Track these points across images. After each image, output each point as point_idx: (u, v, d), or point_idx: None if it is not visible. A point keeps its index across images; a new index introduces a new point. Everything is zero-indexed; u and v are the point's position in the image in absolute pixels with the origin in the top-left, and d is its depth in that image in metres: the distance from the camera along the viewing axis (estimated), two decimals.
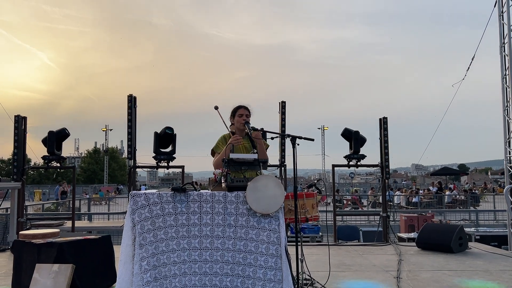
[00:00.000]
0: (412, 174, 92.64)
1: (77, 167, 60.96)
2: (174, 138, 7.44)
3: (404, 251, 5.89)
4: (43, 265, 3.70)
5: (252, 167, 3.34)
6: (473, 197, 20.71)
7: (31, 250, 3.88)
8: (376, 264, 5.12)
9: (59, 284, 3.61)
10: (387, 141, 7.31)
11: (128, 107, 7.19)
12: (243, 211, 3.09)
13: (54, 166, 7.25)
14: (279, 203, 3.05)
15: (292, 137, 3.45)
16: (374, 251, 5.97)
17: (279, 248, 3.04)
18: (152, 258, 2.99)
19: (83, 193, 32.61)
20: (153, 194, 3.09)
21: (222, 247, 3.06)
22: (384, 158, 7.32)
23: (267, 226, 3.07)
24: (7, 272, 4.90)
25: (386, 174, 7.30)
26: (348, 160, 7.45)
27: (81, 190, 35.75)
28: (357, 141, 7.29)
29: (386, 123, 7.33)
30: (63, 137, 7.42)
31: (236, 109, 3.84)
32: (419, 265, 5.01)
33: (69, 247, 3.82)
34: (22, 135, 7.17)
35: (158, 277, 2.99)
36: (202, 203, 3.10)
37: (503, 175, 9.66)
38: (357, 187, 35.82)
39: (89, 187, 37.35)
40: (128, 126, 7.18)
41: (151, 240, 3.01)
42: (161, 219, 3.06)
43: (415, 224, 9.21)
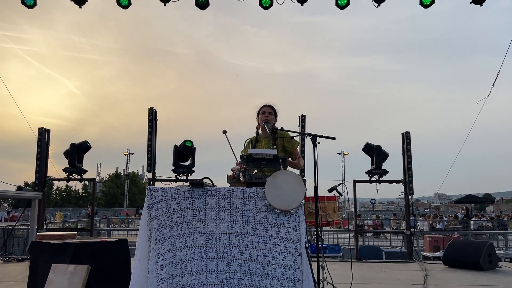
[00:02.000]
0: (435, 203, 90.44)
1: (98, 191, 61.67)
2: (193, 151, 7.43)
3: (429, 268, 5.64)
4: (58, 265, 3.65)
5: (271, 164, 3.26)
6: (501, 224, 19.97)
7: (47, 250, 3.84)
8: (401, 278, 4.90)
9: (74, 284, 3.53)
10: (410, 156, 7.13)
11: (148, 120, 7.25)
12: (262, 207, 2.99)
13: (75, 178, 7.30)
14: (299, 199, 2.95)
15: (313, 136, 3.37)
16: (398, 268, 5.73)
17: (299, 246, 2.92)
18: (169, 254, 2.90)
19: (103, 216, 32.79)
20: (171, 189, 3.03)
21: (240, 244, 2.96)
22: (407, 174, 7.13)
23: (286, 223, 2.96)
24: (23, 278, 4.87)
25: (409, 190, 7.09)
26: (370, 175, 7.29)
27: (102, 213, 35.98)
28: (379, 156, 7.14)
29: (409, 138, 7.17)
30: (84, 150, 7.49)
31: (260, 108, 3.82)
32: (446, 280, 4.77)
33: (85, 248, 3.77)
34: (45, 147, 7.28)
35: (174, 274, 2.89)
36: (220, 198, 3.02)
37: None
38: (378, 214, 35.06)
39: (109, 210, 37.61)
40: (148, 138, 7.22)
41: (167, 236, 2.93)
42: (178, 214, 2.98)
43: (440, 245, 8.87)
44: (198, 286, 2.91)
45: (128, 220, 27.78)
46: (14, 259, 6.20)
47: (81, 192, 54.21)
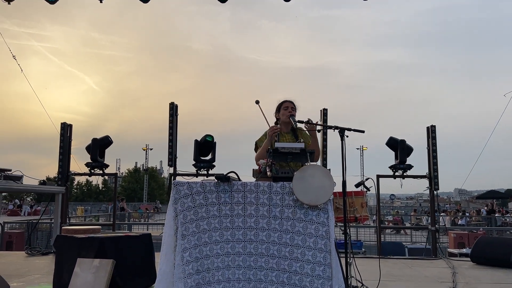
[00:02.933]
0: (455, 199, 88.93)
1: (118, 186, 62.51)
2: (214, 146, 7.39)
3: (457, 265, 5.48)
4: (84, 260, 3.65)
5: (297, 158, 3.18)
6: None
7: (72, 244, 3.85)
8: (428, 275, 4.77)
9: (100, 279, 3.53)
10: (435, 150, 6.95)
11: (169, 115, 7.24)
12: (289, 202, 2.92)
13: (97, 173, 7.34)
14: (328, 194, 2.87)
15: (340, 129, 3.28)
16: (424, 265, 5.60)
17: (328, 242, 2.84)
18: (195, 249, 2.86)
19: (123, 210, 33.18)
20: (196, 183, 2.98)
21: (267, 239, 2.90)
22: (432, 168, 6.95)
23: (315, 219, 2.88)
24: (49, 271, 4.91)
25: (434, 185, 6.91)
26: (394, 170, 7.13)
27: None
28: (404, 151, 6.97)
29: (435, 132, 6.99)
30: (106, 145, 7.52)
31: (281, 103, 3.75)
32: (476, 278, 4.62)
33: (109, 242, 3.76)
34: (67, 141, 7.33)
35: (200, 270, 2.85)
36: (246, 193, 2.96)
37: None
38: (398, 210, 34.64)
39: (129, 204, 38.02)
40: (169, 133, 7.20)
41: (193, 231, 2.89)
42: (204, 209, 2.94)
43: (465, 242, 8.65)
44: (225, 282, 2.86)
45: (148, 215, 28.12)
46: (39, 253, 6.26)
47: (101, 187, 55.01)
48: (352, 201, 3.55)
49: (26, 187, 6.01)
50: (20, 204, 36.88)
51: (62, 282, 3.81)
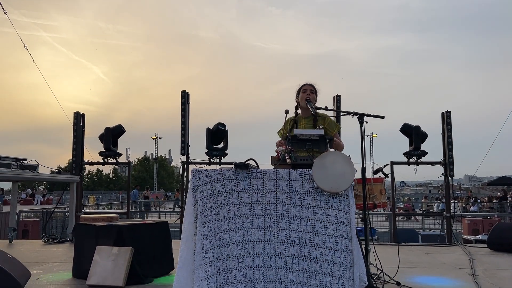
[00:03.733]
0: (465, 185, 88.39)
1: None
2: (226, 134, 7.38)
3: (473, 251, 5.44)
4: (103, 247, 3.68)
5: (316, 145, 3.15)
6: None
7: (91, 232, 3.88)
8: (446, 262, 4.74)
9: (119, 266, 3.56)
10: (450, 136, 6.87)
11: (181, 103, 7.23)
12: (309, 189, 2.89)
13: (110, 162, 7.38)
14: (349, 181, 2.84)
15: (360, 115, 3.24)
16: (440, 251, 5.56)
17: (349, 229, 2.82)
18: (215, 237, 2.86)
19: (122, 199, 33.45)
20: (215, 171, 2.96)
21: (287, 227, 2.88)
22: (448, 155, 6.88)
23: (335, 206, 2.85)
24: (67, 259, 4.97)
25: (450, 171, 6.85)
26: (408, 157, 7.07)
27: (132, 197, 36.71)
28: (418, 137, 6.90)
29: (450, 117, 6.90)
30: (119, 134, 7.55)
31: (301, 87, 3.68)
32: (495, 264, 4.59)
33: (128, 230, 3.79)
34: (80, 131, 7.37)
35: (220, 257, 2.84)
36: (265, 180, 2.94)
37: None
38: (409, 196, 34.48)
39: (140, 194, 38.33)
40: (181, 122, 7.20)
41: (213, 218, 2.88)
42: (223, 196, 2.92)
43: (479, 228, 8.60)
44: (245, 269, 2.86)
45: (159, 203, 28.35)
46: (55, 241, 6.34)
47: (112, 176, 55.47)
48: (371, 187, 3.52)
49: (42, 176, 6.05)
50: (32, 193, 37.32)
51: (82, 269, 3.85)
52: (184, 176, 7.31)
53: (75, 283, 3.69)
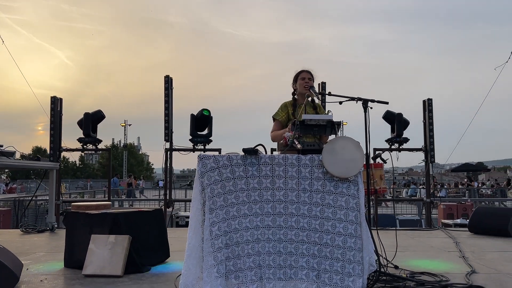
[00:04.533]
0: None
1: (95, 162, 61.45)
2: (210, 121, 7.28)
3: (456, 235, 5.62)
4: (99, 236, 3.56)
5: (322, 130, 3.13)
6: (501, 192, 20.21)
7: (84, 221, 3.75)
8: (434, 245, 4.88)
9: (117, 255, 3.46)
10: (432, 123, 7.04)
11: (165, 88, 7.06)
12: (318, 175, 2.88)
13: (90, 149, 7.15)
14: (358, 166, 2.84)
15: (364, 101, 3.23)
16: (424, 235, 5.72)
17: (358, 214, 2.83)
18: (223, 223, 2.81)
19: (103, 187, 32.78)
20: (223, 157, 2.90)
21: (297, 212, 2.86)
22: (429, 141, 7.05)
23: (345, 191, 2.86)
24: (52, 249, 4.80)
25: (430, 158, 7.02)
26: (390, 143, 7.20)
27: (101, 185, 36.01)
28: (400, 124, 7.03)
29: (431, 105, 7.06)
30: (98, 120, 7.32)
31: (298, 73, 3.67)
32: (480, 247, 4.75)
33: (124, 218, 3.68)
34: (58, 116, 7.10)
35: (229, 244, 2.80)
36: (274, 166, 2.90)
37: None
38: None
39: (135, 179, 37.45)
40: (165, 107, 7.05)
41: (221, 204, 2.83)
42: (232, 182, 2.87)
43: (454, 213, 8.90)
44: (255, 255, 2.83)
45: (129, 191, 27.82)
46: (34, 230, 6.11)
47: (78, 164, 54.07)
48: (372, 173, 3.54)
49: (21, 163, 5.80)
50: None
51: (74, 259, 3.73)
52: (168, 163, 7.17)
53: (69, 273, 3.56)
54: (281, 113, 3.72)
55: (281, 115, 3.71)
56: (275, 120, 3.74)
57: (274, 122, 3.77)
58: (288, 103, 3.75)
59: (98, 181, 41.22)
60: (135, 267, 3.51)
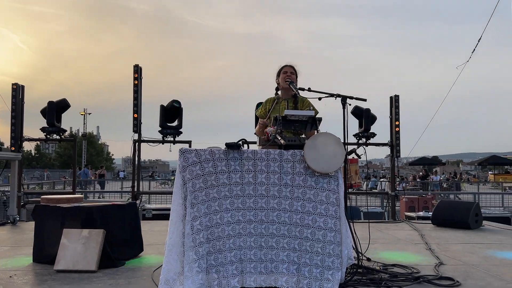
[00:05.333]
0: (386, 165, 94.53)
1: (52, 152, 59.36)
2: (181, 112, 7.19)
3: (420, 227, 5.85)
4: (71, 230, 3.46)
5: (303, 126, 3.17)
6: (456, 185, 21.19)
7: (55, 214, 3.62)
8: (401, 238, 5.06)
9: (91, 249, 3.37)
10: (398, 119, 7.25)
11: (134, 78, 6.90)
12: (300, 170, 2.91)
13: (54, 139, 6.90)
14: (339, 162, 2.90)
15: (343, 97, 3.29)
16: (391, 228, 5.91)
17: (338, 209, 2.89)
18: (205, 218, 2.79)
19: (61, 177, 31.72)
20: (205, 151, 2.88)
21: (278, 207, 2.89)
22: (394, 137, 7.27)
23: (326, 186, 2.91)
24: (16, 242, 4.62)
25: (396, 152, 7.25)
26: (358, 138, 7.37)
27: (58, 175, 34.86)
28: (368, 119, 7.21)
29: (398, 101, 7.27)
30: (63, 108, 7.07)
31: (281, 68, 3.68)
32: (444, 239, 4.97)
33: (98, 212, 3.59)
34: (20, 104, 6.79)
35: (210, 238, 2.79)
36: (256, 161, 2.91)
37: (478, 165, 9.57)
38: None
39: (67, 172, 36.35)
40: (134, 97, 6.89)
41: (203, 199, 2.81)
42: (214, 177, 2.85)
43: (415, 206, 9.24)
44: (236, 249, 2.84)
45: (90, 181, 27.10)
46: None
47: (34, 153, 52.02)
48: (348, 168, 3.62)
49: None
50: None
51: (44, 254, 3.61)
52: (136, 155, 7.03)
53: (39, 268, 3.43)
54: (261, 109, 3.76)
55: (260, 111, 3.75)
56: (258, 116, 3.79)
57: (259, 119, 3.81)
58: (270, 99, 3.78)
59: (56, 171, 39.92)
60: (109, 262, 3.43)
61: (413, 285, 2.94)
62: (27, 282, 3.05)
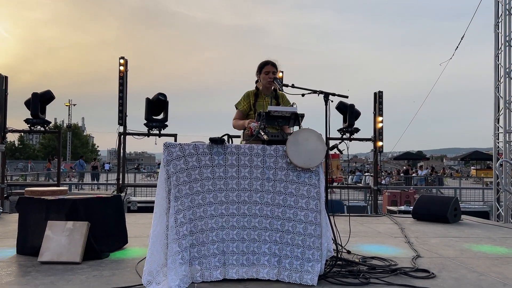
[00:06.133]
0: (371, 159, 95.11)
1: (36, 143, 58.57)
2: (166, 105, 7.20)
3: (401, 221, 5.99)
4: (55, 222, 3.48)
5: (286, 122, 3.23)
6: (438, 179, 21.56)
7: (39, 206, 3.64)
8: (381, 231, 5.18)
9: (75, 241, 3.41)
10: (382, 115, 7.37)
11: (119, 71, 6.88)
12: (282, 165, 2.98)
13: (38, 130, 6.85)
14: (320, 157, 2.97)
15: (325, 94, 3.36)
16: (372, 221, 6.04)
17: (318, 203, 2.97)
18: (188, 211, 2.85)
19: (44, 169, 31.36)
20: (189, 145, 2.93)
21: (261, 201, 2.96)
22: (377, 132, 7.39)
23: (307, 180, 2.98)
24: (0, 235, 4.61)
25: (379, 148, 7.37)
26: (342, 133, 7.48)
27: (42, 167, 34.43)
28: (352, 114, 7.31)
29: (382, 97, 7.38)
30: (47, 100, 7.02)
31: (262, 64, 3.71)
32: (423, 232, 5.11)
33: (82, 204, 3.62)
34: (3, 95, 6.72)
35: (194, 231, 2.85)
36: (240, 156, 2.96)
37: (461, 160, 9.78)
38: None
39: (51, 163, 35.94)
40: (119, 90, 6.88)
41: (186, 193, 2.86)
42: (197, 171, 2.91)
43: (398, 200, 9.42)
44: (219, 242, 2.90)
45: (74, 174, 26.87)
46: None
47: (17, 144, 51.25)
48: (329, 163, 3.70)
49: None
50: None
51: (28, 246, 3.63)
52: (121, 148, 7.03)
53: (23, 260, 3.46)
54: (243, 102, 3.77)
55: (243, 105, 3.76)
56: (237, 109, 3.79)
57: (237, 110, 3.81)
58: (251, 92, 3.80)
59: (40, 162, 39.38)
60: (94, 253, 3.47)
61: (390, 277, 3.04)
62: (10, 273, 3.07)
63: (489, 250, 4.16)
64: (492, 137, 7.35)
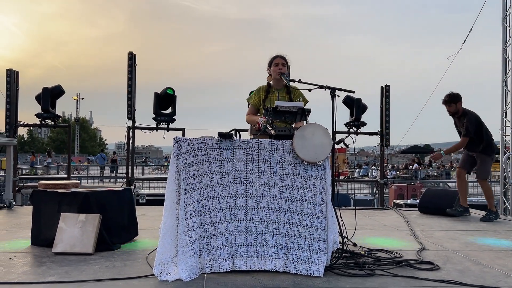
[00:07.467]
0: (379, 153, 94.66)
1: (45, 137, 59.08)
2: (174, 100, 7.28)
3: (407, 214, 6.04)
4: (68, 214, 3.58)
5: (293, 116, 3.29)
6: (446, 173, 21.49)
7: (53, 199, 3.74)
8: (387, 224, 5.23)
9: (87, 233, 3.50)
10: (388, 109, 7.39)
11: (128, 65, 6.96)
12: (289, 159, 3.04)
13: (48, 124, 6.97)
14: (327, 152, 3.03)
15: (332, 89, 3.41)
16: (378, 214, 6.09)
17: (325, 196, 3.04)
18: (198, 204, 2.93)
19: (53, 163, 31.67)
20: (198, 140, 3.00)
21: (268, 194, 3.03)
22: (384, 126, 7.41)
23: (313, 174, 3.04)
24: (14, 226, 4.73)
25: (386, 142, 7.40)
26: (348, 127, 7.51)
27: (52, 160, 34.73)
28: (359, 108, 7.34)
29: (388, 91, 7.40)
30: (58, 95, 7.13)
31: (272, 58, 3.78)
32: (428, 225, 5.16)
33: (94, 197, 3.71)
34: (14, 90, 6.84)
35: (203, 223, 2.93)
36: (248, 150, 3.03)
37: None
38: None
39: (60, 157, 36.32)
40: (128, 85, 6.96)
41: (196, 186, 2.94)
42: (207, 165, 2.98)
43: (404, 193, 9.46)
44: (228, 234, 2.98)
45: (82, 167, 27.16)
46: None
47: (26, 138, 51.74)
48: (336, 157, 3.76)
49: None
50: None
51: (42, 237, 3.73)
52: (130, 142, 7.13)
53: (38, 251, 3.56)
54: (254, 97, 3.86)
55: (254, 99, 3.85)
56: (249, 104, 3.89)
57: (249, 105, 3.92)
58: (262, 87, 3.88)
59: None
60: (105, 245, 3.56)
61: (395, 269, 3.10)
62: (26, 264, 3.18)
63: (493, 243, 4.20)
64: (499, 130, 7.35)
